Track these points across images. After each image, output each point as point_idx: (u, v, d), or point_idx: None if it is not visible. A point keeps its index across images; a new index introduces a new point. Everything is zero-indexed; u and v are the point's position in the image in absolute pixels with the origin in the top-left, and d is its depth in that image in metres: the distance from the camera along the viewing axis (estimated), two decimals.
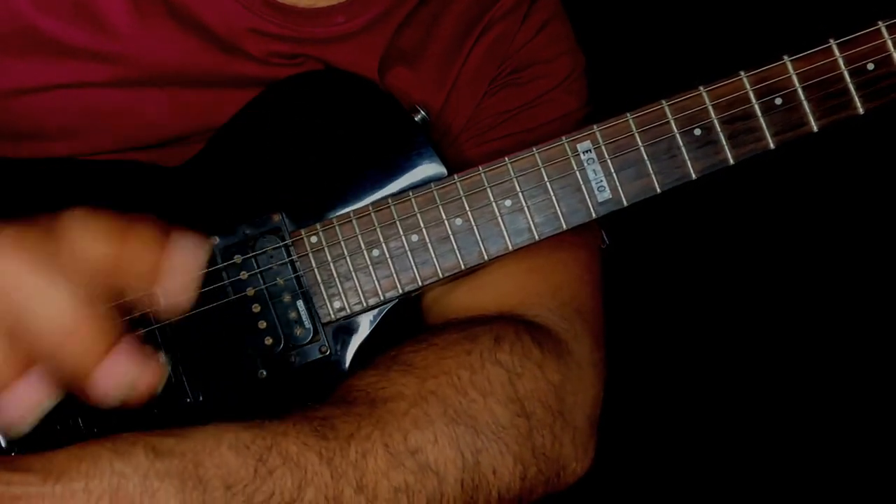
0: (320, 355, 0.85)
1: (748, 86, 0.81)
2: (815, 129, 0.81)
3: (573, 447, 0.86)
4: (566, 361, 0.88)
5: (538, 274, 0.92)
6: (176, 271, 0.61)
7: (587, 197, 0.83)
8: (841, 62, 0.80)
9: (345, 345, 0.87)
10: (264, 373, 0.85)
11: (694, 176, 0.82)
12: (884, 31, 0.80)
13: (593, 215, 0.84)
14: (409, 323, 0.92)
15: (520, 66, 0.96)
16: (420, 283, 0.85)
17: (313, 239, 0.85)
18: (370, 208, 0.85)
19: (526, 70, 0.96)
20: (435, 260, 0.85)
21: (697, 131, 0.82)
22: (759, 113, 0.81)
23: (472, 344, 0.83)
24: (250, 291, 0.85)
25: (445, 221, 0.84)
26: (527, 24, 0.96)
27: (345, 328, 0.87)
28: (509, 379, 0.82)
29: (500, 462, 0.80)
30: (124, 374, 0.58)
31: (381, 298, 0.85)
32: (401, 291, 0.85)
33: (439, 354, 0.82)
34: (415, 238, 0.85)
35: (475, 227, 0.84)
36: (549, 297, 0.92)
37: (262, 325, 0.85)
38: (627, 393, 1.29)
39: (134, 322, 0.85)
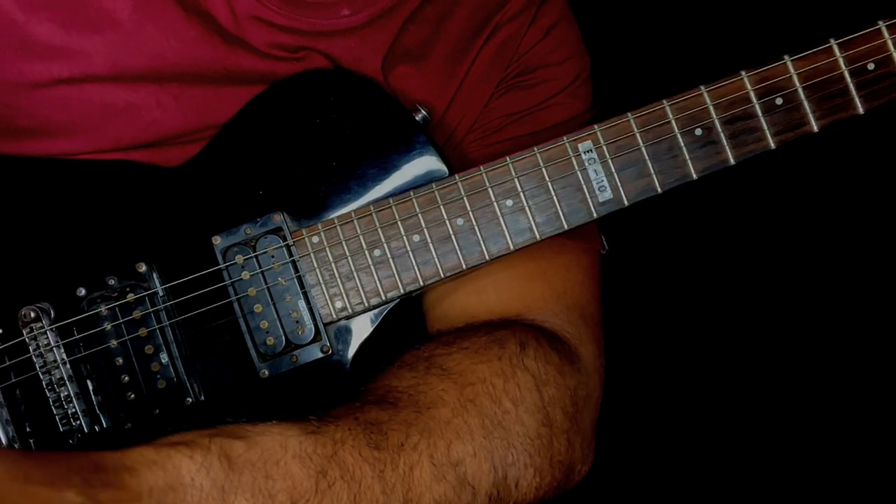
0: (322, 355, 0.86)
1: (749, 86, 0.81)
2: (816, 128, 0.82)
3: (581, 451, 0.87)
4: (577, 367, 0.88)
5: (541, 278, 0.92)
6: None
7: (588, 197, 0.84)
8: (841, 62, 0.80)
9: (346, 344, 0.87)
10: (266, 372, 0.85)
11: (695, 176, 0.83)
12: (884, 30, 0.80)
13: (594, 215, 0.84)
14: (410, 323, 0.93)
15: (527, 68, 0.96)
16: (422, 283, 0.85)
17: (315, 239, 0.85)
18: (371, 208, 0.85)
19: (533, 73, 0.96)
20: (436, 260, 0.85)
21: (698, 131, 0.82)
22: (759, 113, 0.81)
23: (501, 349, 0.84)
24: (252, 291, 0.85)
25: (447, 221, 0.84)
26: (534, 27, 0.96)
27: (346, 328, 0.87)
28: (536, 385, 0.83)
29: (522, 474, 0.81)
30: None
31: (383, 298, 0.85)
32: (402, 291, 0.85)
33: (472, 359, 0.83)
34: (416, 238, 0.85)
35: (476, 227, 0.84)
36: (554, 302, 0.92)
37: (264, 324, 0.85)
38: (625, 397, 1.29)
39: (137, 322, 0.85)
